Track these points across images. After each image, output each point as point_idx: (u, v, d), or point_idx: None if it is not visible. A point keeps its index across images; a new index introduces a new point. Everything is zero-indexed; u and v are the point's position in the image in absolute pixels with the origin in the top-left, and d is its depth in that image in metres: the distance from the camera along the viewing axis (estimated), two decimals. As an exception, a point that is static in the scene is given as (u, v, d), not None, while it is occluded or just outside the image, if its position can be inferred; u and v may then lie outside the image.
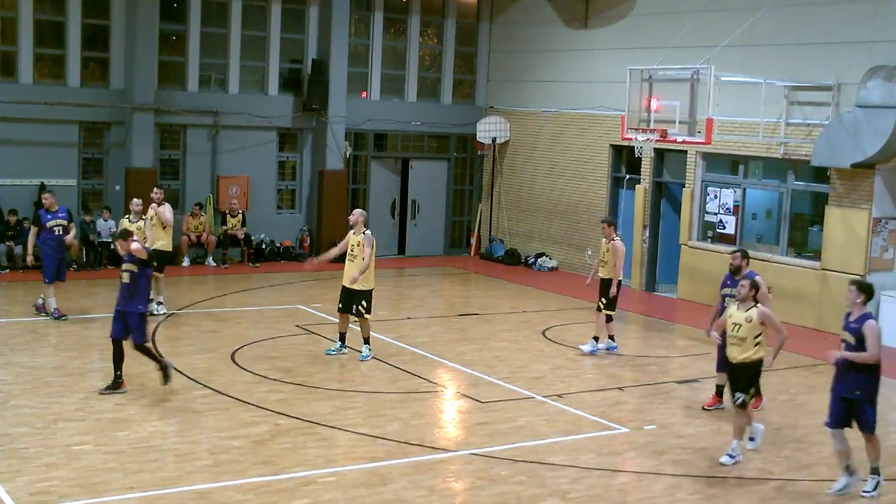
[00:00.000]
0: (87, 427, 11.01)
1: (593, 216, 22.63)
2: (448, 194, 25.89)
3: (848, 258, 17.49)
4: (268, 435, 11.04)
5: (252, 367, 13.86)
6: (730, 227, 20.01)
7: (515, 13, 25.10)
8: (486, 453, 10.83)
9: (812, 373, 15.38)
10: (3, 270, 20.01)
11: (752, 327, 10.73)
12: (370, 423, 11.62)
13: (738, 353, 10.82)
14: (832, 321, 17.00)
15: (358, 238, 14.32)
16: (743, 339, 10.76)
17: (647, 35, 21.26)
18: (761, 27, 18.75)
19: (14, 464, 9.80)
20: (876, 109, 16.66)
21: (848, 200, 17.73)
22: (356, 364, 14.37)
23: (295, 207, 24.20)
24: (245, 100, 22.97)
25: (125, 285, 12.25)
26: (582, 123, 23.02)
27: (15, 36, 20.75)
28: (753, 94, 18.40)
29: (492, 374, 14.13)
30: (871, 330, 10.02)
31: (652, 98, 17.57)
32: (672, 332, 18.07)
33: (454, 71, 25.72)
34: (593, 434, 11.72)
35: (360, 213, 14.56)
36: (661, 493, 9.97)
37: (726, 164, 20.22)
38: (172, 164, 22.67)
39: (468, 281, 22.67)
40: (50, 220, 16.33)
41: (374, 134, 24.78)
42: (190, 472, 9.85)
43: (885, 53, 17.02)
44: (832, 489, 10.23)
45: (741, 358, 10.79)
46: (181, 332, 15.79)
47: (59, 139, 21.23)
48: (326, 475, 9.96)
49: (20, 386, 12.42)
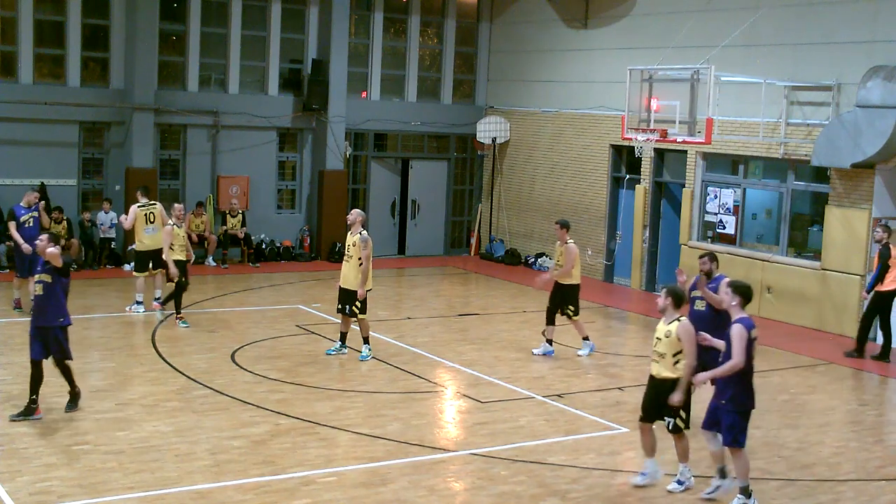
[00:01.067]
0: (87, 427, 11.01)
1: (593, 216, 22.65)
2: (448, 194, 25.89)
3: (848, 258, 17.48)
4: (268, 435, 11.04)
5: (252, 367, 13.86)
6: (730, 228, 20.01)
7: (515, 13, 25.10)
8: (486, 453, 10.83)
9: (812, 373, 15.38)
10: (2, 270, 20.01)
11: (671, 343, 9.70)
12: (370, 423, 11.62)
13: (658, 370, 9.83)
14: (832, 321, 17.00)
15: (354, 238, 14.26)
16: (662, 354, 9.75)
17: (647, 35, 21.26)
18: (761, 27, 18.76)
19: (14, 464, 9.80)
20: (876, 109, 16.65)
21: (848, 200, 17.72)
22: (356, 364, 14.37)
23: (295, 207, 24.20)
24: (245, 100, 22.98)
25: (38, 297, 11.21)
26: (582, 123, 23.02)
27: (15, 36, 20.75)
28: (753, 94, 18.40)
29: (492, 374, 14.13)
30: (737, 334, 9.25)
31: (652, 98, 17.57)
32: (672, 332, 18.04)
33: (454, 71, 25.72)
34: (593, 434, 11.72)
35: (357, 214, 14.49)
36: (661, 493, 9.97)
37: (726, 164, 20.21)
38: (172, 164, 22.68)
39: (468, 281, 22.67)
40: (24, 214, 16.61)
41: (374, 134, 24.78)
42: (190, 472, 9.85)
43: (885, 53, 17.02)
44: (704, 493, 9.72)
45: (663, 376, 9.78)
46: (181, 333, 15.79)
47: (59, 139, 21.23)
48: (326, 475, 9.96)
49: (20, 386, 12.40)
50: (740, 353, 9.23)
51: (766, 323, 18.74)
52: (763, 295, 19.10)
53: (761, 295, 19.13)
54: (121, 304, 17.41)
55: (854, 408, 13.78)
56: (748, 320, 9.40)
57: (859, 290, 17.50)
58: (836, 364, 15.83)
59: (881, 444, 11.99)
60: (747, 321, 9.37)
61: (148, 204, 16.97)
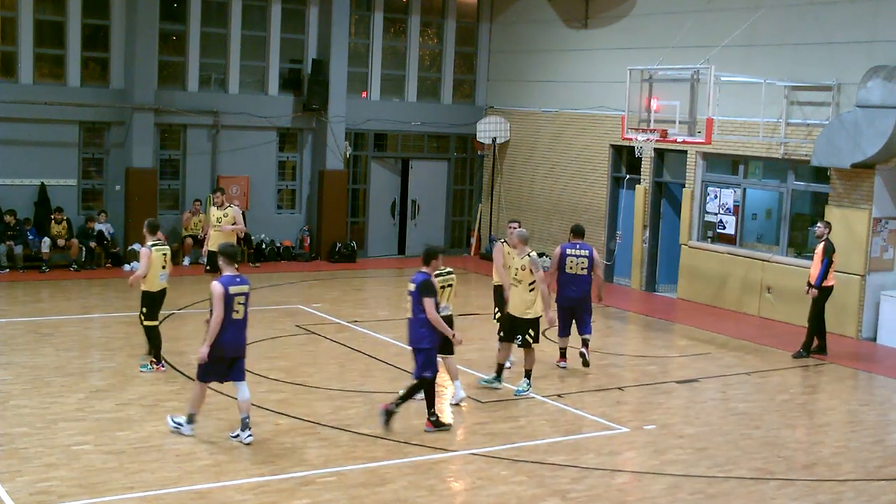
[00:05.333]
0: (87, 427, 11.01)
1: (593, 216, 22.64)
2: (448, 194, 25.89)
3: (848, 258, 17.47)
4: (268, 435, 11.04)
5: (252, 367, 13.82)
6: (730, 228, 20.01)
7: (515, 13, 25.10)
8: (486, 453, 10.83)
9: (812, 373, 15.39)
10: (2, 270, 20.01)
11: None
12: (370, 423, 11.62)
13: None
14: (832, 321, 17.00)
15: (523, 261, 12.84)
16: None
17: (647, 35, 21.26)
18: (761, 27, 18.75)
19: (14, 464, 9.80)
20: (876, 109, 16.65)
21: (848, 200, 17.72)
22: (356, 364, 14.37)
23: (295, 207, 24.20)
24: (245, 100, 22.97)
25: None
26: (582, 123, 23.02)
27: (15, 36, 20.76)
28: (753, 94, 18.40)
29: (492, 374, 14.10)
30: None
31: (652, 98, 17.57)
32: (672, 332, 18.07)
33: (454, 71, 25.73)
34: (593, 434, 11.72)
35: (519, 235, 13.11)
36: (661, 493, 9.97)
37: (726, 164, 20.21)
38: (172, 163, 22.68)
39: (468, 281, 22.65)
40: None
41: (374, 134, 24.78)
42: (190, 472, 9.85)
43: (885, 53, 17.02)
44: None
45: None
46: (181, 332, 15.78)
47: (59, 139, 21.23)
48: (326, 475, 9.96)
49: (20, 386, 12.42)
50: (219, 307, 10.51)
51: (766, 323, 18.77)
52: (763, 295, 19.12)
53: (761, 295, 19.15)
54: (120, 304, 17.42)
55: (854, 408, 13.78)
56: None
57: (859, 290, 17.53)
58: (836, 364, 15.84)
59: (881, 444, 11.99)
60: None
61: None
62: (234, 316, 10.52)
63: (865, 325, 17.71)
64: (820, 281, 15.92)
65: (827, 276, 15.96)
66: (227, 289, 10.46)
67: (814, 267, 16.08)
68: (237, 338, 10.63)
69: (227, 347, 10.56)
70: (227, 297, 10.44)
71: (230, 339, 10.55)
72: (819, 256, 15.97)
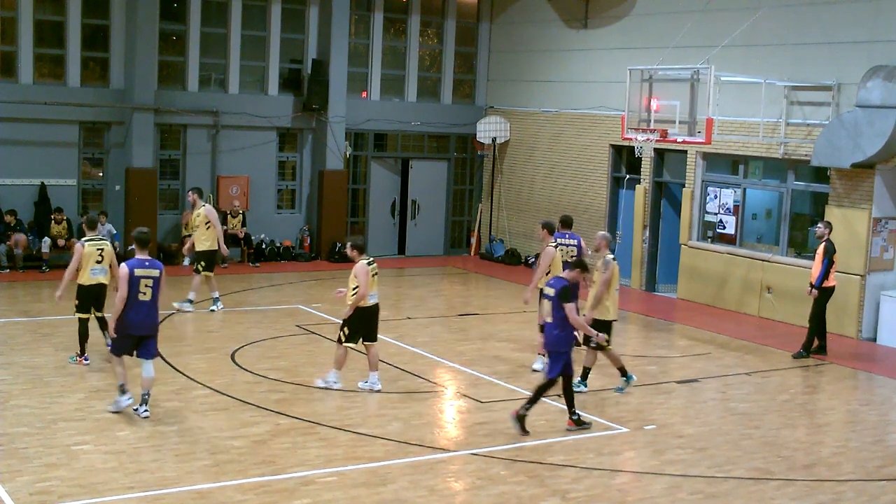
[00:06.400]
0: (87, 427, 11.00)
1: (593, 216, 22.64)
2: (448, 194, 25.89)
3: (848, 258, 17.47)
4: (268, 435, 11.04)
5: (252, 367, 13.86)
6: (730, 228, 20.01)
7: (515, 13, 25.10)
8: (486, 453, 10.83)
9: (812, 373, 15.39)
10: (2, 270, 20.01)
11: (351, 279, 12.55)
12: (370, 423, 11.62)
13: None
14: (832, 321, 17.00)
15: (599, 262, 13.24)
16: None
17: (647, 35, 21.27)
18: (761, 27, 18.75)
19: (14, 464, 9.80)
20: (876, 109, 16.65)
21: (848, 200, 17.72)
22: (356, 364, 14.34)
23: (295, 207, 24.20)
24: (245, 100, 22.98)
25: None
26: (582, 123, 23.02)
27: (15, 36, 20.75)
28: (753, 94, 18.40)
29: (492, 374, 14.13)
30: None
31: (652, 98, 17.56)
32: (672, 332, 18.07)
33: (454, 71, 25.73)
34: (593, 434, 11.72)
35: (601, 237, 13.46)
36: (661, 493, 9.97)
37: (726, 164, 20.21)
38: (172, 164, 22.67)
39: (468, 281, 22.67)
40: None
41: (374, 134, 24.78)
42: (190, 472, 9.85)
43: (885, 53, 17.02)
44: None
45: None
46: (181, 332, 15.79)
47: (59, 139, 21.23)
48: (326, 475, 9.95)
49: (20, 386, 12.42)
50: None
51: (766, 323, 18.77)
52: (763, 295, 19.11)
53: (761, 295, 19.15)
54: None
55: (854, 408, 13.78)
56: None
57: (859, 290, 17.52)
58: (836, 364, 15.84)
59: (881, 444, 11.98)
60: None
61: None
62: (140, 297, 11.20)
63: (865, 326, 17.71)
64: (820, 282, 15.93)
65: (828, 277, 15.96)
66: (132, 271, 11.19)
67: (815, 268, 16.09)
68: (144, 317, 11.26)
69: (133, 326, 11.22)
70: (131, 279, 11.15)
71: (135, 319, 11.20)
72: (820, 257, 15.98)
